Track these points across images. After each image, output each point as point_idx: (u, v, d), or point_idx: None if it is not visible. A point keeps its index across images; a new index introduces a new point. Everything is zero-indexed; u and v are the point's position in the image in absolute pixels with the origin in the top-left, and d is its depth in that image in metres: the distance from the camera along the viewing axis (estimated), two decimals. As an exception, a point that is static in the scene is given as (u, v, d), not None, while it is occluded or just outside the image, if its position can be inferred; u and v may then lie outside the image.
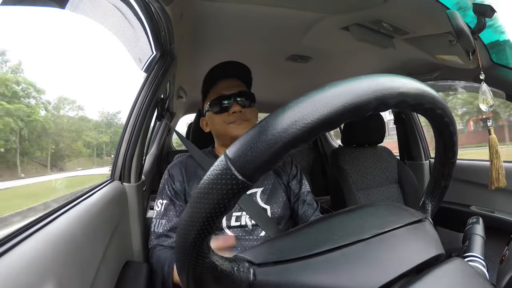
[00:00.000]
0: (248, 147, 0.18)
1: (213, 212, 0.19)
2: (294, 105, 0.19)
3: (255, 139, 0.18)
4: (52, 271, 0.34)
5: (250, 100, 0.74)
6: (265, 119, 0.19)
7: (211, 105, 0.73)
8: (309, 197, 0.75)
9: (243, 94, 0.72)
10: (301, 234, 0.29)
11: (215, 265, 0.23)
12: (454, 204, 1.20)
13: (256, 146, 0.18)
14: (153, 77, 0.85)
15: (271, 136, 0.18)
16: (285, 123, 0.18)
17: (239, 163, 0.18)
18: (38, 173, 1.85)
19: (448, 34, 0.79)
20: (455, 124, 0.28)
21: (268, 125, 0.18)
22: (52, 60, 6.30)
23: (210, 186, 0.19)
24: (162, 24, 0.75)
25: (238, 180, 0.18)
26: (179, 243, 0.22)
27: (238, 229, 0.67)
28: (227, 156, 0.19)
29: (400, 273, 0.24)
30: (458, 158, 0.32)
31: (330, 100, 0.19)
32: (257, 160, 0.18)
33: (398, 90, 0.21)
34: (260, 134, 0.18)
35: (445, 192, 0.36)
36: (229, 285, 0.23)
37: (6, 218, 0.73)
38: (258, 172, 0.18)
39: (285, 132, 0.18)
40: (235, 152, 0.19)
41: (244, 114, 0.71)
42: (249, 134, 0.19)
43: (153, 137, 1.66)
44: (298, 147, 0.19)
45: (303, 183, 0.77)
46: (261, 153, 0.18)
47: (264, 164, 0.18)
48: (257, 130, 0.19)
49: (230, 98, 0.71)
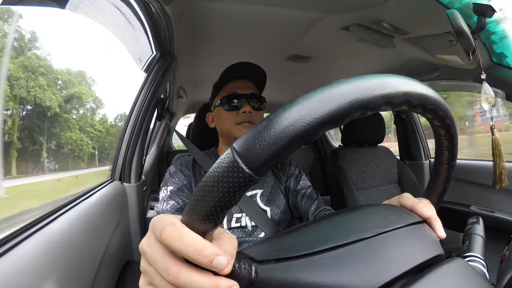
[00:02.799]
0: (256, 140, 0.18)
1: (218, 206, 0.19)
2: (303, 99, 0.19)
3: (263, 132, 0.18)
4: (52, 271, 0.34)
5: (260, 104, 0.75)
6: (273, 113, 0.19)
7: (222, 101, 0.73)
8: (309, 191, 0.75)
9: (256, 97, 0.73)
10: (303, 232, 0.29)
11: None
12: (454, 204, 1.20)
13: (264, 139, 0.18)
14: (153, 77, 0.85)
15: (280, 129, 0.18)
16: (294, 117, 0.18)
17: (247, 156, 0.18)
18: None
19: (448, 34, 0.79)
20: (456, 127, 0.28)
21: (277, 118, 0.18)
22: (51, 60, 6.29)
23: (216, 179, 0.19)
24: (162, 24, 0.75)
25: (245, 173, 0.18)
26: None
27: (238, 230, 0.67)
28: (235, 148, 0.19)
29: (401, 273, 0.24)
30: (458, 158, 0.32)
31: (339, 96, 0.19)
32: (265, 154, 0.18)
33: (403, 90, 0.21)
34: (269, 128, 0.18)
35: (443, 195, 0.36)
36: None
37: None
38: (265, 166, 0.18)
39: (293, 126, 0.18)
40: (242, 144, 0.18)
41: (253, 117, 0.72)
42: (257, 128, 0.19)
43: (153, 137, 1.66)
44: (306, 142, 0.19)
45: (301, 179, 0.77)
46: (269, 147, 0.18)
47: (271, 157, 0.18)
48: (266, 124, 0.19)
49: (242, 98, 0.72)
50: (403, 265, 0.25)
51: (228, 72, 0.75)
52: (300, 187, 0.75)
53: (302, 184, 0.76)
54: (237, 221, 0.67)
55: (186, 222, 0.21)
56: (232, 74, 0.75)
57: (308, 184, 0.77)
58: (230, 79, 0.75)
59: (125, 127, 0.81)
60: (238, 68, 0.75)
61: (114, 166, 0.78)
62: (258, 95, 0.74)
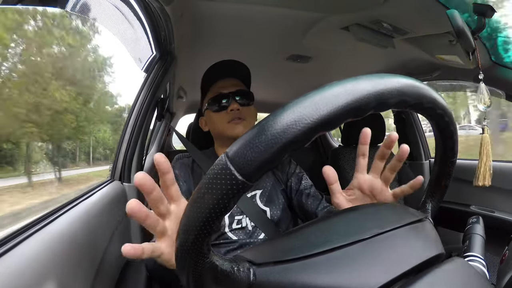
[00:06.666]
0: (248, 147, 0.18)
1: (213, 212, 0.19)
2: (294, 105, 0.19)
3: (255, 139, 0.18)
4: (52, 271, 0.34)
5: (249, 99, 0.74)
6: (265, 119, 0.19)
7: (210, 103, 0.73)
8: (312, 190, 0.74)
9: (241, 93, 0.72)
10: (301, 234, 0.29)
11: (215, 265, 0.23)
12: (454, 204, 1.20)
13: (256, 146, 0.18)
14: (153, 77, 0.85)
15: (271, 136, 0.18)
16: (285, 123, 0.18)
17: (239, 163, 0.18)
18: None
19: (448, 34, 0.79)
20: (455, 124, 0.29)
21: (268, 125, 0.18)
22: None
23: (209, 186, 0.19)
24: (162, 24, 0.75)
25: (238, 180, 0.18)
26: (179, 244, 0.22)
27: (239, 231, 0.67)
28: (227, 156, 0.19)
29: (400, 273, 0.24)
30: (458, 158, 0.32)
31: (330, 100, 0.19)
32: (257, 160, 0.18)
33: (398, 90, 0.21)
34: (260, 134, 0.18)
35: (445, 191, 0.36)
36: (229, 285, 0.23)
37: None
38: (258, 172, 0.18)
39: (285, 132, 0.18)
40: (235, 152, 0.19)
41: (242, 113, 0.71)
42: (249, 134, 0.19)
43: (153, 137, 1.66)
44: (298, 147, 0.19)
45: (303, 178, 0.76)
46: (261, 153, 0.18)
47: (264, 164, 0.18)
48: (257, 130, 0.19)
49: (228, 97, 0.71)
50: (402, 266, 0.24)
51: (209, 74, 0.75)
52: (303, 186, 0.74)
53: (304, 184, 0.75)
54: (238, 223, 0.67)
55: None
56: (215, 74, 0.75)
57: (310, 183, 0.76)
58: (214, 80, 0.75)
59: (125, 127, 0.81)
60: (220, 68, 0.75)
61: (114, 166, 0.78)
62: (243, 91, 0.73)
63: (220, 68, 0.75)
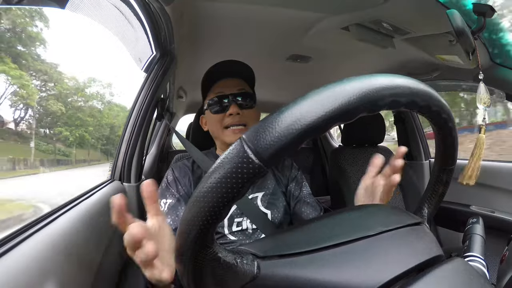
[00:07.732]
0: (266, 131, 0.18)
1: (225, 197, 0.19)
2: (314, 94, 0.19)
3: (274, 123, 0.18)
4: (52, 271, 0.34)
5: (251, 101, 0.71)
6: (284, 106, 0.19)
7: (209, 103, 0.71)
8: (311, 199, 0.73)
9: (243, 94, 0.70)
10: (306, 229, 0.29)
11: (218, 257, 0.22)
12: (454, 204, 1.20)
13: (275, 130, 0.18)
14: (153, 77, 0.85)
15: (291, 121, 0.18)
16: (305, 110, 0.18)
17: (256, 147, 0.18)
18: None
19: (448, 34, 0.79)
20: (457, 131, 0.29)
21: (288, 111, 0.19)
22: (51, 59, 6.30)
23: (223, 169, 0.18)
24: (162, 24, 0.75)
25: (255, 164, 0.18)
26: (182, 230, 0.21)
27: (239, 233, 0.66)
28: (244, 139, 0.19)
29: (402, 271, 0.24)
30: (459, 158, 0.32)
31: (349, 92, 0.19)
32: (276, 145, 0.18)
33: (411, 90, 0.22)
34: (280, 119, 0.18)
35: (442, 199, 0.36)
36: (232, 277, 0.23)
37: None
38: (275, 157, 0.18)
39: (305, 119, 0.18)
40: (252, 135, 0.18)
41: (242, 117, 0.68)
42: (268, 119, 0.19)
43: (153, 137, 1.66)
44: (315, 135, 0.19)
45: (303, 185, 0.75)
46: (279, 138, 0.18)
47: (282, 149, 0.18)
48: (277, 116, 0.19)
49: (228, 98, 0.69)
50: (405, 264, 0.25)
51: (212, 72, 0.73)
52: (303, 194, 0.74)
53: (305, 192, 0.74)
54: (238, 225, 0.66)
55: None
56: (218, 73, 0.73)
57: (309, 192, 0.75)
58: (217, 79, 0.73)
59: (125, 127, 0.81)
60: (221, 67, 0.72)
61: (114, 166, 0.78)
62: (246, 92, 0.71)
63: (223, 67, 0.73)
